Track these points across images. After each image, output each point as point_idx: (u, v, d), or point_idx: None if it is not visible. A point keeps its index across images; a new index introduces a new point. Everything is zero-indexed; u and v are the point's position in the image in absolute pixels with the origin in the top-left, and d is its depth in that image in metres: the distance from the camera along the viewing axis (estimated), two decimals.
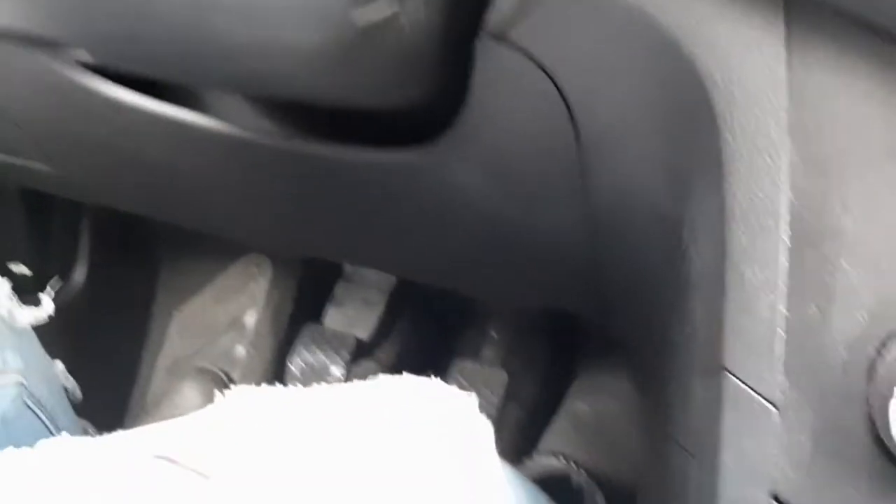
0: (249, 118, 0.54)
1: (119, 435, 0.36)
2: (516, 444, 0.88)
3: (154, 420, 0.91)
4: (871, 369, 0.31)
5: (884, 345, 0.31)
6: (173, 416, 0.91)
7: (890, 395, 0.30)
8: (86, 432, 0.75)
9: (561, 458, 0.80)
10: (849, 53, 0.31)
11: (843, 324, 0.31)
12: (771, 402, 0.33)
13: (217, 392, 0.88)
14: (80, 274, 0.94)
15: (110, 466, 0.33)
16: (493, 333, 0.95)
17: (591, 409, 0.88)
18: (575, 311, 0.68)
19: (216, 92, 0.53)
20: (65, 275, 0.92)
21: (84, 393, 0.80)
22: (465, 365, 0.90)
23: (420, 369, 0.82)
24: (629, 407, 0.82)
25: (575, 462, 0.80)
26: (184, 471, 0.33)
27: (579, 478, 0.78)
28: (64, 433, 0.46)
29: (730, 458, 0.34)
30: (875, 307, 0.31)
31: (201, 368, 0.95)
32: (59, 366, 0.66)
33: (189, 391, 0.95)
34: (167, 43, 0.38)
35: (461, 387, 0.95)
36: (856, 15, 0.31)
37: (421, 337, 0.98)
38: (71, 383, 0.68)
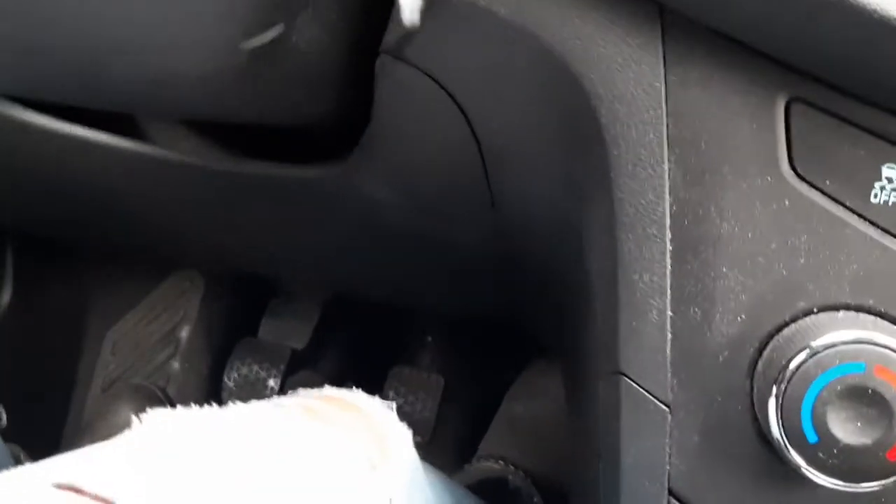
0: (177, 139, 0.54)
1: (26, 467, 0.36)
2: (456, 448, 0.89)
3: (91, 440, 0.90)
4: (752, 368, 0.33)
5: (762, 344, 0.33)
6: (110, 435, 0.90)
7: (769, 393, 0.31)
8: (17, 458, 0.74)
9: (499, 461, 0.81)
10: (721, 71, 0.33)
11: (724, 326, 0.33)
12: (663, 403, 0.34)
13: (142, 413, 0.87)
14: (5, 297, 0.93)
15: (8, 499, 0.33)
16: (429, 339, 0.96)
17: (527, 412, 0.89)
18: (499, 319, 0.69)
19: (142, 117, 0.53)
20: None
21: (18, 417, 0.78)
22: (401, 370, 0.91)
23: (357, 377, 0.83)
24: (563, 408, 0.84)
25: (513, 464, 0.81)
26: (89, 500, 0.33)
27: (516, 479, 0.79)
28: None
29: (629, 457, 0.36)
30: (752, 309, 0.33)
31: (137, 386, 0.94)
32: None
33: (125, 410, 0.94)
34: (72, 77, 0.38)
35: (398, 393, 0.96)
36: (726, 35, 0.32)
37: (357, 345, 0.99)
38: None
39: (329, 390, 0.46)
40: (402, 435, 0.42)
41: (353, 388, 0.59)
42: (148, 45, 0.34)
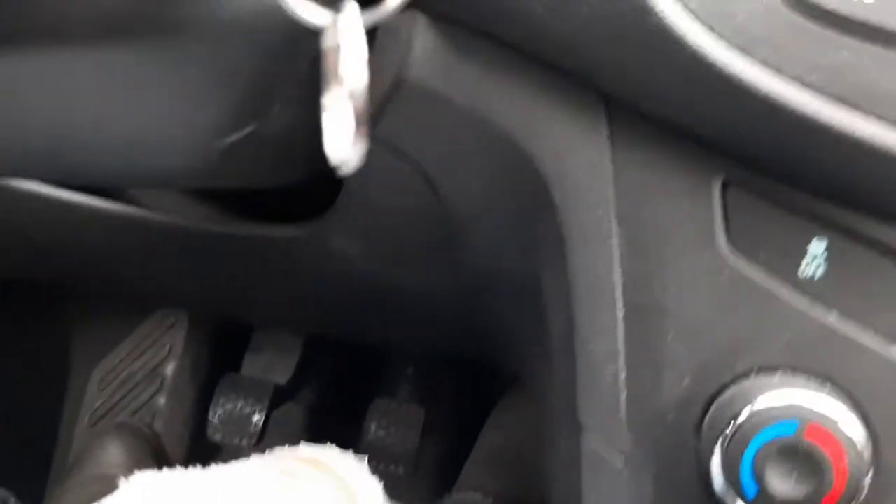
0: (159, 197, 0.57)
1: None
2: (438, 478, 0.91)
3: (78, 479, 0.91)
4: (698, 427, 0.36)
5: (707, 405, 0.35)
6: (97, 473, 0.92)
7: (712, 451, 0.34)
8: (5, 502, 0.75)
9: (479, 492, 0.83)
10: (662, 154, 0.35)
11: (671, 388, 0.36)
12: (620, 459, 0.37)
13: (143, 446, 0.88)
14: None
15: None
16: (409, 371, 0.98)
17: (507, 440, 0.91)
18: (472, 357, 0.72)
19: None
20: None
21: (4, 459, 0.79)
22: (382, 403, 0.93)
23: (339, 410, 0.85)
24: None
25: (493, 494, 0.83)
26: None
27: None
28: None
29: None
30: (696, 373, 0.35)
31: (123, 423, 0.96)
32: None
33: (112, 447, 0.95)
34: (49, 165, 0.40)
35: (380, 425, 0.98)
36: (668, 121, 0.35)
37: (339, 378, 1.01)
38: None
39: (304, 450, 0.48)
40: (373, 490, 0.45)
41: (336, 420, 0.60)
42: (121, 146, 0.36)
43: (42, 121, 0.34)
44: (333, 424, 0.95)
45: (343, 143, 0.30)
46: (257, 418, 0.93)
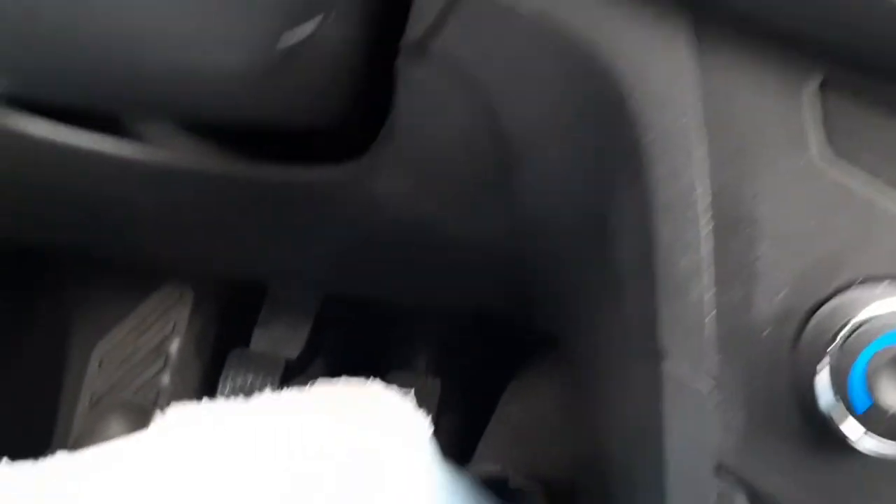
0: (177, 142, 0.54)
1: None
2: (454, 451, 0.89)
3: None
4: (796, 342, 0.34)
5: (806, 319, 0.34)
6: None
7: (816, 366, 0.32)
8: None
9: (498, 464, 0.81)
10: (753, 54, 0.34)
11: (765, 303, 0.34)
12: (707, 383, 0.35)
13: (147, 424, 0.86)
14: None
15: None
16: (423, 343, 0.96)
17: (524, 412, 0.90)
18: (505, 313, 0.70)
19: (142, 119, 0.53)
20: None
21: (4, 435, 0.77)
22: (397, 375, 0.91)
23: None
24: (562, 406, 0.85)
25: (512, 466, 0.82)
26: None
27: (517, 480, 0.80)
28: None
29: (673, 437, 0.36)
30: (794, 285, 0.34)
31: (126, 402, 0.93)
32: None
33: (115, 426, 0.93)
34: (88, 71, 0.37)
35: None
36: (759, 16, 0.33)
37: (351, 352, 0.98)
38: None
39: (348, 385, 0.46)
40: (424, 421, 0.43)
41: None
42: (177, 38, 0.34)
43: (96, 16, 0.31)
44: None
45: None
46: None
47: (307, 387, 0.89)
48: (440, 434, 0.92)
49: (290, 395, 0.43)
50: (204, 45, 0.34)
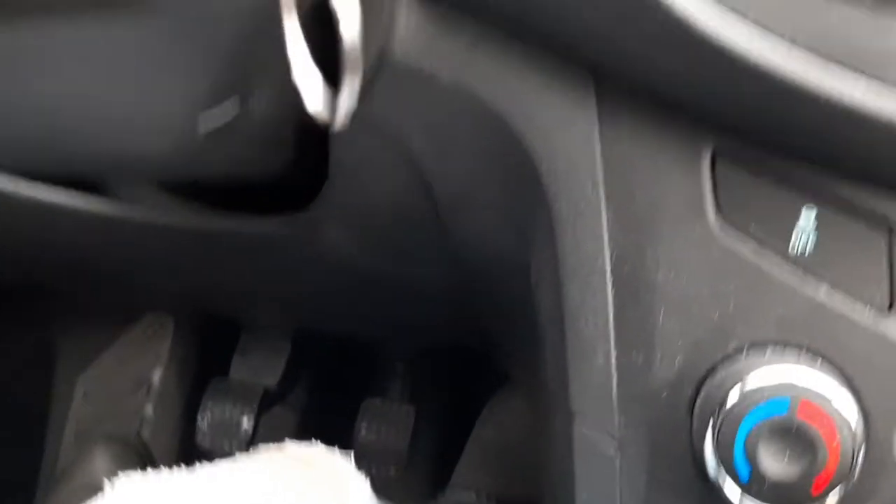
0: (144, 195, 0.56)
1: None
2: (430, 476, 0.90)
3: (67, 490, 0.90)
4: (691, 406, 0.35)
5: (699, 384, 0.35)
6: (87, 483, 0.90)
7: (705, 431, 0.33)
8: None
9: (472, 492, 0.82)
10: (650, 126, 0.35)
11: (664, 367, 0.35)
12: (612, 442, 0.37)
13: (131, 455, 0.87)
14: None
15: None
16: (399, 369, 0.97)
17: (498, 436, 0.91)
18: (464, 347, 0.71)
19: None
20: None
21: None
22: (373, 402, 0.92)
23: (330, 412, 0.84)
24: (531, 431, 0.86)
25: (486, 492, 0.83)
26: None
27: None
28: None
29: (583, 494, 0.38)
30: (688, 351, 0.35)
31: (110, 433, 0.94)
32: None
33: (100, 457, 0.94)
34: (22, 153, 0.39)
35: (371, 424, 0.97)
36: (652, 92, 0.34)
37: (329, 379, 1.00)
38: None
39: (291, 448, 0.47)
40: (362, 487, 0.44)
41: (326, 423, 0.59)
42: (103, 128, 0.35)
43: (18, 101, 0.33)
44: (324, 426, 0.94)
45: (318, 96, 0.29)
46: (247, 423, 0.92)
47: (285, 420, 0.90)
48: (415, 460, 0.93)
49: (243, 463, 0.44)
50: (128, 132, 0.36)
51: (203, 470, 0.42)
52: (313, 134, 0.45)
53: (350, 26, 0.28)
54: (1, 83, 0.31)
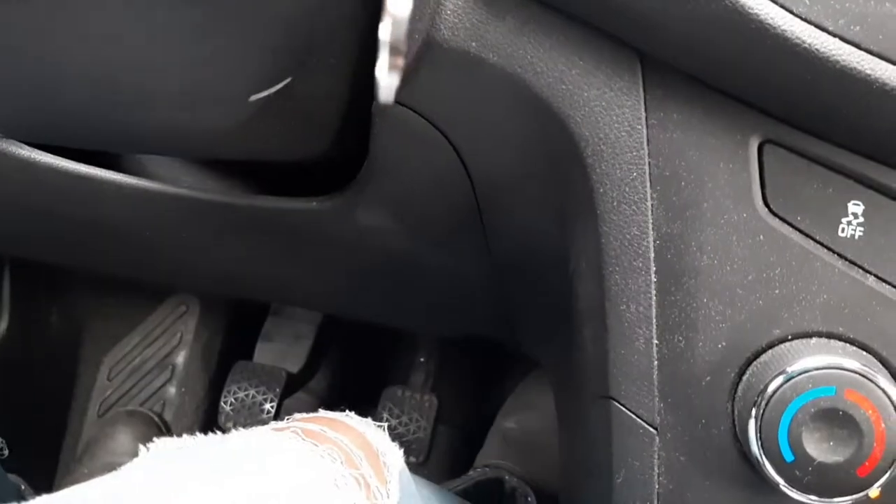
0: (176, 172, 0.56)
1: (48, 498, 0.38)
2: (451, 467, 0.91)
3: (88, 468, 0.91)
4: (733, 391, 0.35)
5: (742, 369, 0.35)
6: (107, 462, 0.91)
7: (748, 415, 0.33)
8: (19, 490, 0.75)
9: (495, 468, 0.83)
10: (698, 114, 0.35)
11: (706, 352, 0.35)
12: (651, 425, 0.37)
13: (153, 435, 0.88)
14: (2, 325, 0.94)
15: None
16: (422, 359, 0.97)
17: (519, 427, 0.91)
18: (492, 338, 0.71)
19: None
20: None
21: (14, 445, 0.79)
22: (395, 391, 0.93)
23: (351, 399, 0.85)
24: (555, 422, 0.86)
25: (508, 470, 0.83)
26: None
27: (512, 481, 0.81)
28: None
29: (620, 477, 0.38)
30: (732, 337, 0.35)
31: (133, 412, 0.95)
32: None
33: (122, 436, 0.95)
34: (89, 126, 0.40)
35: (392, 414, 0.98)
36: (703, 80, 0.35)
37: (351, 367, 1.00)
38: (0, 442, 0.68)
39: (323, 413, 0.48)
40: (396, 452, 0.44)
41: (347, 410, 0.60)
42: (162, 100, 0.36)
43: (78, 74, 0.34)
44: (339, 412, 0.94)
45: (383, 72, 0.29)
46: (269, 406, 0.93)
47: (307, 406, 0.90)
48: (436, 450, 0.94)
49: (277, 425, 0.45)
50: (183, 104, 0.36)
51: (235, 433, 0.42)
52: (354, 117, 0.46)
53: (399, 5, 0.28)
54: (60, 54, 0.32)
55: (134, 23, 0.30)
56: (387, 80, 0.30)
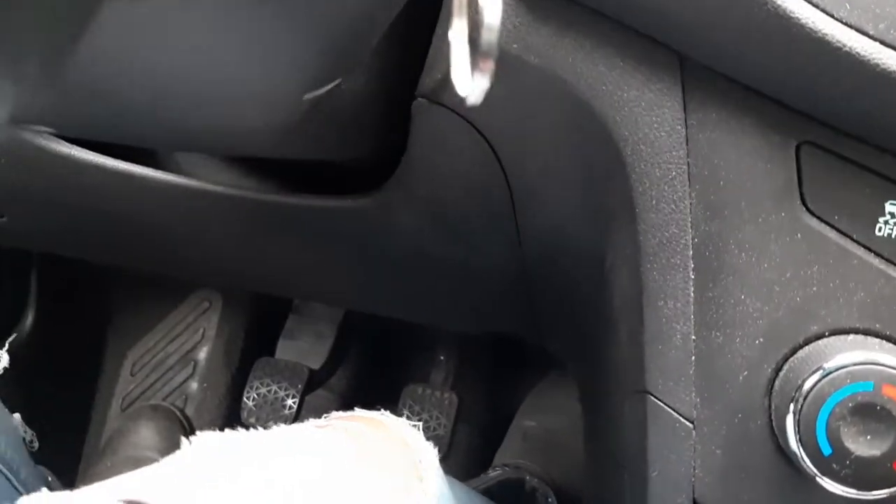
0: (212, 170, 0.57)
1: (89, 488, 0.39)
2: (470, 465, 0.92)
3: (111, 461, 0.92)
4: (770, 387, 0.36)
5: (779, 366, 0.36)
6: (130, 455, 0.92)
7: (786, 410, 0.34)
8: (47, 481, 0.76)
9: (515, 468, 0.83)
10: (737, 115, 0.36)
11: (743, 348, 0.36)
12: (688, 420, 0.37)
13: (175, 430, 0.89)
14: (29, 319, 0.95)
15: None
16: (442, 357, 0.98)
17: (539, 426, 0.92)
18: (518, 336, 0.72)
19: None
20: (15, 323, 0.93)
21: (40, 439, 0.80)
22: (415, 390, 0.94)
23: (372, 396, 0.86)
24: (575, 422, 0.87)
25: (528, 470, 0.84)
26: None
27: (532, 481, 0.82)
28: (26, 485, 0.47)
29: (656, 471, 0.38)
30: (769, 333, 0.36)
31: (156, 406, 0.96)
32: (17, 418, 0.67)
33: (144, 430, 0.96)
34: (132, 126, 0.40)
35: (412, 412, 0.98)
36: (743, 82, 0.35)
37: (372, 365, 1.01)
38: (29, 434, 0.69)
39: (360, 412, 0.49)
40: (432, 451, 0.45)
41: (368, 406, 0.61)
42: (220, 99, 0.37)
43: (139, 73, 0.35)
44: (366, 409, 0.95)
45: (465, 76, 0.30)
46: (291, 402, 0.94)
47: (328, 403, 0.91)
48: (456, 448, 0.95)
49: (317, 422, 0.45)
50: (240, 104, 0.37)
51: (278, 429, 0.43)
52: (394, 116, 0.46)
53: (493, 11, 0.29)
54: (120, 53, 0.33)
55: (194, 23, 0.31)
56: (482, 82, 0.31)
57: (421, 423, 0.92)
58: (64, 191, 0.60)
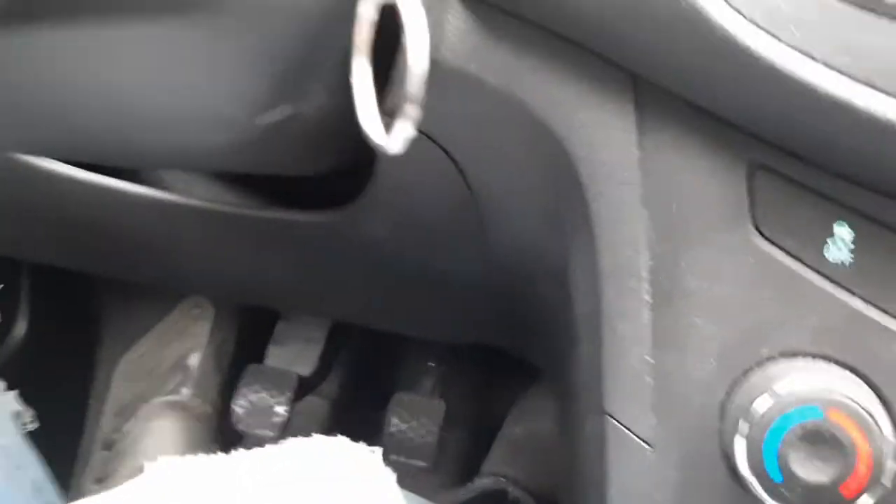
0: (193, 184, 0.58)
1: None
2: (458, 471, 0.92)
3: (105, 466, 0.92)
4: (722, 409, 0.36)
5: (731, 388, 0.36)
6: (158, 452, 0.92)
7: (736, 433, 0.34)
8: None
9: (500, 478, 0.83)
10: (690, 137, 0.36)
11: (696, 370, 0.36)
12: (645, 441, 0.37)
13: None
14: (21, 327, 0.96)
15: None
16: (431, 364, 0.98)
17: (527, 433, 0.92)
18: (498, 346, 0.72)
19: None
20: (7, 331, 0.94)
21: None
22: (404, 396, 0.94)
23: (361, 403, 0.86)
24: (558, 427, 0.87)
25: (513, 480, 0.84)
26: None
27: (516, 492, 0.82)
28: None
29: (614, 490, 0.39)
30: (721, 355, 0.36)
31: (175, 402, 0.96)
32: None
33: (167, 428, 0.96)
34: (101, 145, 0.41)
35: (401, 418, 0.99)
36: (694, 103, 0.35)
37: (361, 371, 1.02)
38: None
39: (316, 442, 0.48)
40: (386, 479, 0.45)
41: (357, 412, 0.61)
42: (166, 121, 0.37)
43: (89, 96, 0.35)
44: (355, 416, 0.96)
45: (375, 123, 0.30)
46: (280, 409, 0.94)
47: (318, 409, 0.91)
48: (444, 455, 0.95)
49: (268, 452, 0.46)
50: (188, 127, 0.37)
51: (235, 455, 0.43)
52: (360, 134, 0.47)
53: (419, 62, 0.29)
54: (72, 77, 0.33)
55: (136, 48, 0.31)
56: (405, 130, 0.31)
57: (408, 430, 0.93)
58: (45, 205, 0.61)
